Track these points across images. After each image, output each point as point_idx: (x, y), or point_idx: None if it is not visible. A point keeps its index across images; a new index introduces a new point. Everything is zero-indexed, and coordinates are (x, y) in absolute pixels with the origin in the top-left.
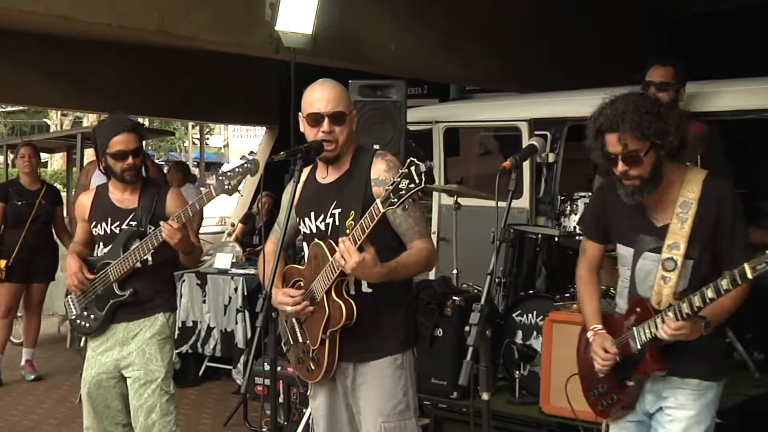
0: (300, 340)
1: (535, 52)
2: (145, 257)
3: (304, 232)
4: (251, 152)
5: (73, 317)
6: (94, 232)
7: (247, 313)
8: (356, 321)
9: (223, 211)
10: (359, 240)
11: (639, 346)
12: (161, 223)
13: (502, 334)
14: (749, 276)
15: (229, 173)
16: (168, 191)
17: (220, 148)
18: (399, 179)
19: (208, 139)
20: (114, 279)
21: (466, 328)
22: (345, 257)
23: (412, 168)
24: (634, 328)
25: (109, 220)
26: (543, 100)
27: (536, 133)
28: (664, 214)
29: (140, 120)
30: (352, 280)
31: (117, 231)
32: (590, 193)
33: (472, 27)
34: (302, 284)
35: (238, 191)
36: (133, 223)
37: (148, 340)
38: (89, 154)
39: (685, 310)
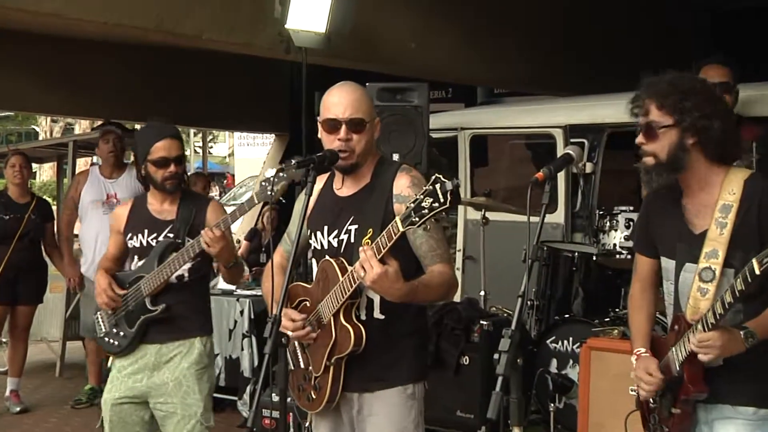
0: (301, 365)
1: (570, 51)
2: (181, 270)
3: (314, 248)
4: (294, 157)
5: (102, 335)
6: (129, 245)
7: (254, 339)
8: (365, 348)
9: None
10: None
11: (678, 367)
12: (202, 231)
13: (535, 362)
14: (757, 271)
15: (272, 179)
16: (209, 202)
17: (225, 157)
18: (422, 197)
19: (211, 147)
20: (147, 293)
21: (495, 356)
22: (365, 267)
23: (437, 186)
24: (673, 348)
25: (146, 231)
26: (580, 105)
27: (572, 140)
28: (703, 219)
29: (138, 127)
30: (363, 304)
31: (153, 243)
32: (632, 207)
33: (500, 24)
34: (308, 305)
35: (282, 200)
36: (171, 235)
37: (185, 371)
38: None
39: (710, 319)
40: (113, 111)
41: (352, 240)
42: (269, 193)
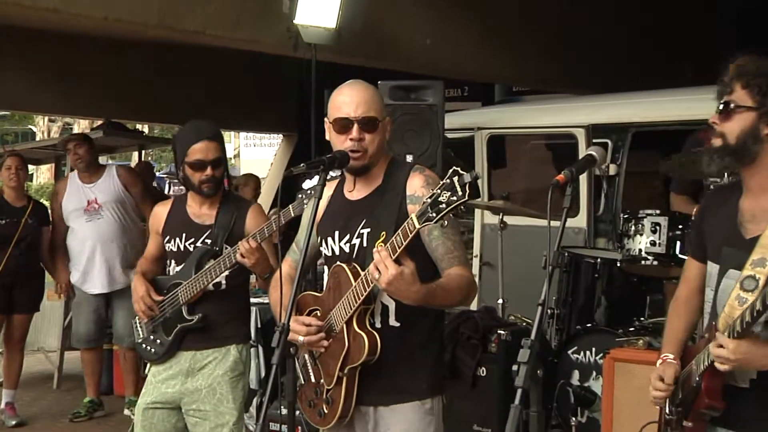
0: (312, 379)
1: (594, 48)
2: (217, 279)
3: (325, 254)
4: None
5: (140, 341)
6: (167, 248)
7: (260, 349)
8: (379, 358)
9: None
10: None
11: (697, 377)
12: (240, 242)
13: (555, 374)
14: None
15: (309, 191)
16: (249, 207)
17: (230, 158)
18: (439, 191)
19: None
20: (183, 301)
21: (514, 367)
22: (380, 268)
23: (455, 178)
24: (696, 357)
25: (184, 235)
26: (603, 103)
27: (595, 141)
28: (758, 224)
29: (139, 127)
30: (377, 310)
31: (191, 248)
32: (658, 211)
33: (519, 19)
34: (319, 314)
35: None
36: (208, 241)
37: (219, 378)
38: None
39: (737, 327)
40: (113, 110)
41: (365, 244)
42: (305, 204)
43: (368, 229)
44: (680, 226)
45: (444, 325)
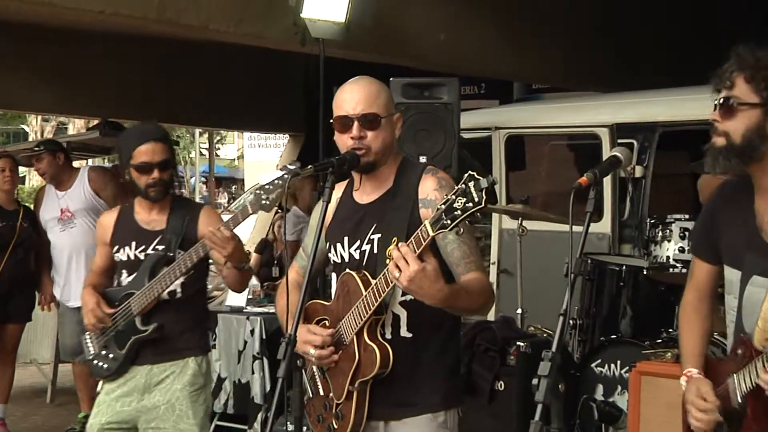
0: (321, 392)
1: (619, 43)
2: (173, 286)
3: (334, 261)
4: (294, 161)
5: (91, 357)
6: (116, 258)
7: (266, 361)
8: (391, 370)
9: (238, 234)
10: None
11: (740, 399)
12: (208, 230)
13: (578, 388)
14: None
15: (267, 186)
16: (201, 210)
17: (234, 160)
18: (453, 197)
19: (218, 149)
20: (137, 312)
21: (534, 381)
22: (400, 266)
23: (471, 183)
24: (735, 375)
25: (134, 243)
26: (628, 102)
27: (620, 141)
28: None
29: None
30: (388, 321)
31: (142, 257)
32: (687, 216)
33: (539, 13)
34: (327, 324)
35: (281, 208)
36: (160, 247)
37: (178, 393)
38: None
39: None
40: (110, 109)
41: (375, 250)
42: (264, 203)
43: (379, 235)
44: None
45: (459, 335)
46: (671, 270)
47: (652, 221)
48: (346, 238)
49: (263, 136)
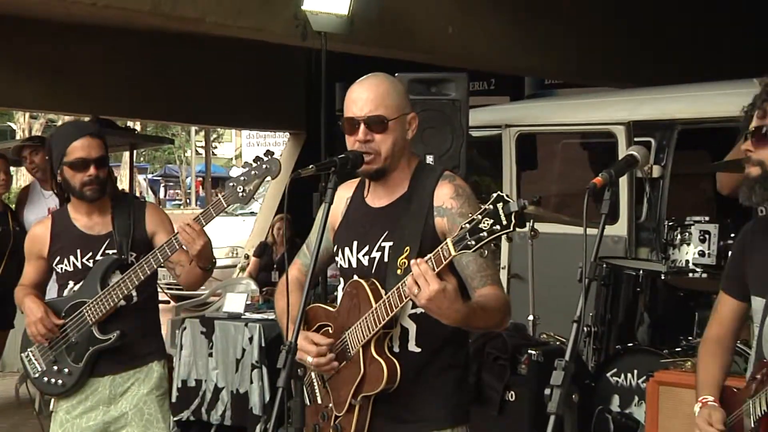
0: (319, 400)
1: (634, 37)
2: (132, 290)
3: (341, 266)
4: (268, 151)
5: (37, 375)
6: (58, 270)
7: (265, 370)
8: (397, 385)
9: (235, 240)
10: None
11: (753, 424)
12: (179, 225)
13: (593, 399)
14: None
15: (242, 177)
16: (145, 207)
17: (231, 159)
18: (480, 216)
19: (215, 148)
20: (93, 321)
21: (547, 391)
22: (420, 284)
23: (500, 205)
24: (750, 400)
25: (79, 252)
26: (645, 98)
27: (636, 139)
28: None
29: (130, 124)
30: (396, 335)
31: (91, 264)
32: (707, 218)
33: (552, 4)
34: (330, 331)
35: (255, 200)
36: (110, 252)
37: (145, 397)
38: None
39: None
40: (101, 106)
41: (386, 259)
42: (240, 195)
43: (390, 243)
44: (732, 235)
45: (468, 347)
46: (690, 275)
47: (671, 223)
48: (355, 243)
49: (262, 134)
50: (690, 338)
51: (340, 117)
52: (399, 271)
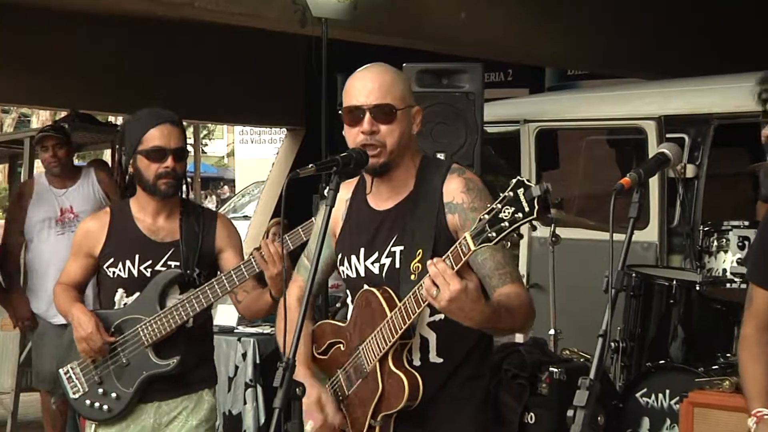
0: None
1: (667, 23)
2: (195, 313)
3: (347, 276)
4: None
5: (79, 396)
6: (108, 273)
7: (260, 389)
8: (419, 400)
9: None
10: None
11: None
12: (263, 242)
13: (620, 421)
14: None
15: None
16: (216, 218)
17: (222, 157)
18: (500, 205)
19: (205, 145)
20: (149, 343)
21: (569, 413)
22: (438, 284)
23: (520, 191)
24: None
25: (137, 257)
26: (678, 90)
27: (668, 136)
28: None
29: (112, 119)
30: (416, 345)
31: (148, 273)
32: (746, 222)
33: None
34: (343, 348)
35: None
36: (174, 264)
37: (194, 430)
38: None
39: None
40: (80, 99)
41: (397, 264)
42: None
43: (401, 247)
44: None
45: (490, 358)
46: (728, 285)
47: (706, 228)
48: (362, 250)
49: (257, 131)
50: (728, 355)
51: (341, 111)
52: (413, 277)
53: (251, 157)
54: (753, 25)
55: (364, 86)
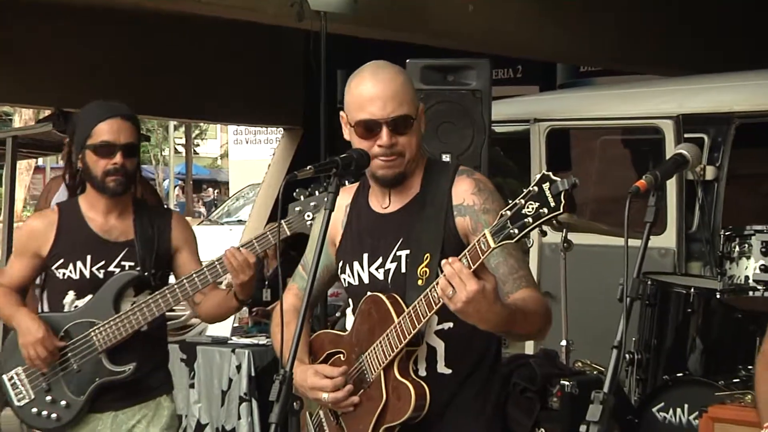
0: None
1: (685, 16)
2: (155, 317)
3: (349, 284)
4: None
5: (23, 404)
6: (57, 275)
7: (255, 404)
8: (426, 413)
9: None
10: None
11: None
12: (228, 249)
13: None
14: None
15: (312, 202)
16: (171, 216)
17: (216, 159)
18: (523, 201)
19: (197, 146)
20: (103, 348)
21: (582, 428)
22: (455, 284)
23: (545, 185)
24: None
25: (89, 258)
26: (697, 87)
27: (687, 136)
28: None
29: None
30: (422, 355)
31: (101, 275)
32: None
33: None
34: (343, 358)
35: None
36: (128, 264)
37: None
38: (24, 168)
39: None
40: (65, 97)
41: (403, 269)
42: (307, 222)
43: (407, 251)
44: None
45: (501, 367)
46: (751, 293)
47: (727, 233)
48: (365, 256)
49: (252, 130)
50: (750, 367)
51: (342, 110)
52: (420, 282)
53: (246, 158)
54: None
55: (377, 95)
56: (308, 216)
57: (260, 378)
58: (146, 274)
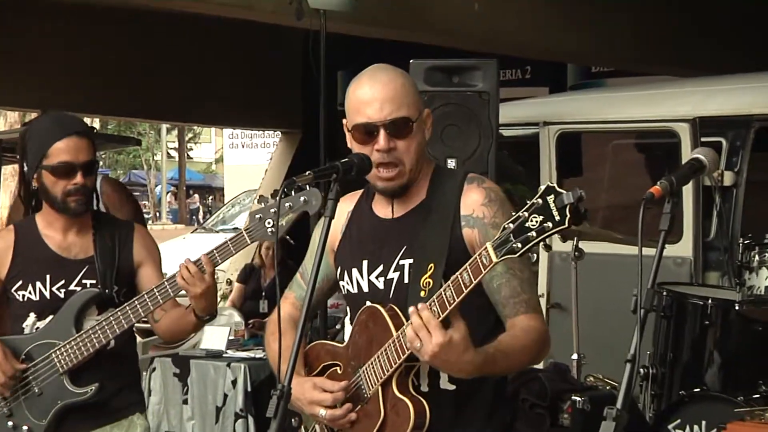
0: None
1: (701, 15)
2: (115, 336)
3: (347, 292)
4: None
5: None
6: (17, 297)
7: (251, 420)
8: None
9: None
10: (446, 308)
11: None
12: (183, 263)
13: None
14: None
15: (272, 209)
16: (133, 230)
17: (210, 164)
18: (527, 214)
19: (191, 150)
20: (64, 370)
21: None
22: (421, 336)
23: (550, 198)
24: None
25: (49, 277)
26: (714, 89)
27: (704, 140)
28: None
29: (88, 121)
30: (424, 370)
31: (62, 294)
32: None
33: None
34: (339, 371)
35: (288, 238)
36: (89, 282)
37: None
38: (9, 173)
39: None
40: (54, 99)
41: (406, 279)
42: (269, 229)
43: (410, 260)
44: None
45: (509, 382)
46: None
47: (747, 242)
48: (365, 263)
49: (248, 134)
50: None
51: (342, 112)
52: (423, 293)
53: (241, 162)
54: None
55: (374, 97)
56: (269, 224)
57: (257, 393)
58: (107, 291)
